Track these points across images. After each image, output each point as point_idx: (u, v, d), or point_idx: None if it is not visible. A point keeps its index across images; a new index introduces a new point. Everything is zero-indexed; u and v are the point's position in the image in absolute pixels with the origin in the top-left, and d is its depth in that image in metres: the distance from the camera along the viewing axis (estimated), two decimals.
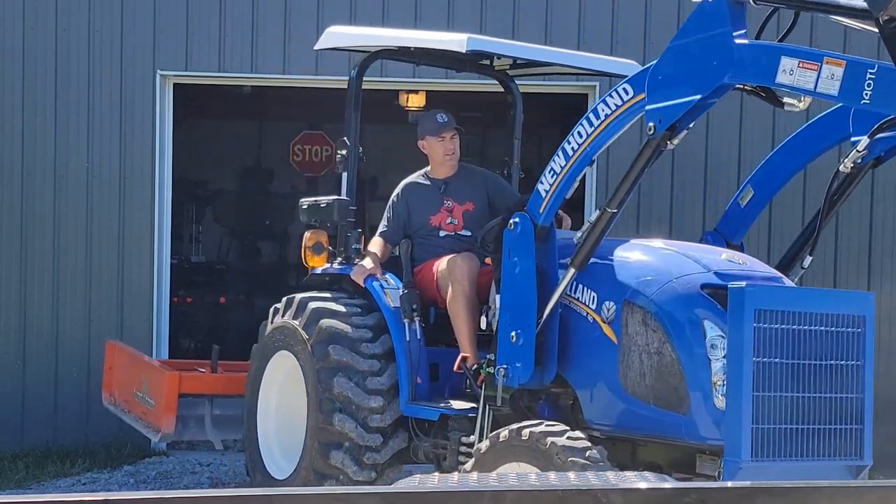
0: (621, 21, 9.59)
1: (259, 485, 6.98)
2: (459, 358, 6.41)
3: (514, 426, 5.48)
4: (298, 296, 7.05)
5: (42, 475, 8.74)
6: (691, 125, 5.42)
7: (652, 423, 5.56)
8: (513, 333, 5.95)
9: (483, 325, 6.35)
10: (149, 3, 9.53)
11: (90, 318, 9.64)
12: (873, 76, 4.71)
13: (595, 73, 7.62)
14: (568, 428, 5.45)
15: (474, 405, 6.26)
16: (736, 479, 5.00)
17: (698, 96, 5.21)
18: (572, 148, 5.77)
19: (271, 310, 7.29)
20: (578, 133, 5.74)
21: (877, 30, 4.67)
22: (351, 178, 7.30)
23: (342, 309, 6.80)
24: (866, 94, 4.74)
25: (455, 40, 6.69)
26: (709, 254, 5.98)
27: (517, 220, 6.05)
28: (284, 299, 7.17)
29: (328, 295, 7.00)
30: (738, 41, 5.10)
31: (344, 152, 7.28)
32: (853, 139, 5.79)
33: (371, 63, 7.51)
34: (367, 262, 6.94)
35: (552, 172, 5.92)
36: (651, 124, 5.36)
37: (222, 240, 17.23)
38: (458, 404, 6.45)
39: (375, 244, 7.12)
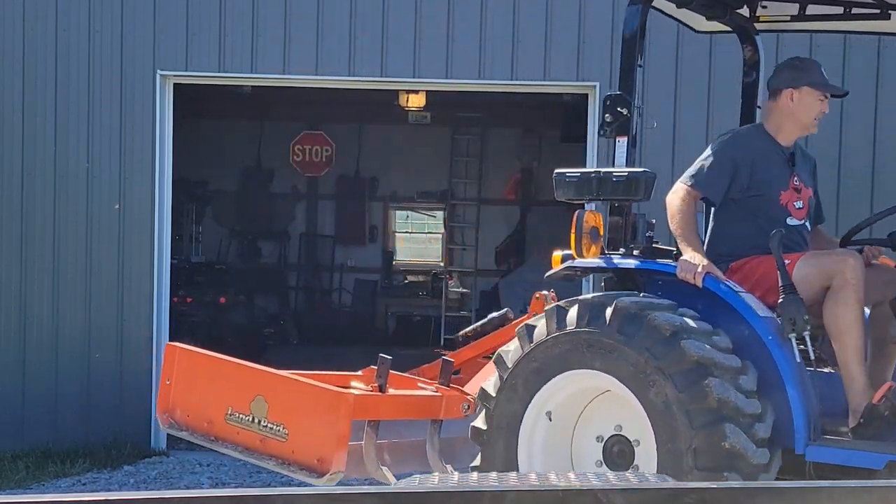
0: None
1: None
2: (886, 387, 5.09)
3: None
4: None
5: (42, 475, 8.74)
6: None
7: None
8: None
9: None
10: (149, 3, 9.53)
11: (90, 318, 9.63)
12: None
13: None
14: None
15: None
16: None
17: None
18: None
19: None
20: None
21: None
22: (631, 145, 5.62)
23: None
24: None
25: None
26: None
27: None
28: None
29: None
30: None
31: (624, 111, 5.58)
32: None
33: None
34: (699, 257, 5.35)
35: None
36: None
37: (222, 240, 17.26)
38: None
39: (686, 207, 5.51)
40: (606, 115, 5.56)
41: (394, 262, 18.34)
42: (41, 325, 9.67)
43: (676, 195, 5.53)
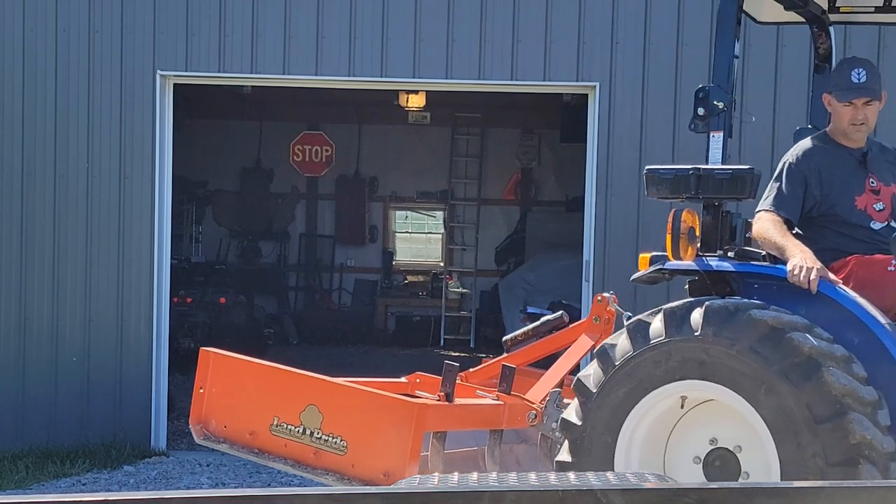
0: None
1: None
2: None
3: None
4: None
5: (42, 475, 8.74)
6: None
7: None
8: None
9: None
10: (149, 3, 9.52)
11: (90, 318, 9.63)
12: None
13: None
14: None
15: None
16: None
17: None
18: None
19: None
20: None
21: None
22: (725, 140, 5.32)
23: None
24: None
25: None
26: None
27: None
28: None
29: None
30: None
31: (720, 104, 5.26)
32: None
33: None
34: (810, 259, 5.05)
35: None
36: None
37: (222, 240, 17.26)
38: None
39: (775, 227, 5.26)
40: (699, 108, 5.27)
41: (394, 262, 18.34)
42: (41, 325, 9.66)
43: (762, 221, 5.31)
